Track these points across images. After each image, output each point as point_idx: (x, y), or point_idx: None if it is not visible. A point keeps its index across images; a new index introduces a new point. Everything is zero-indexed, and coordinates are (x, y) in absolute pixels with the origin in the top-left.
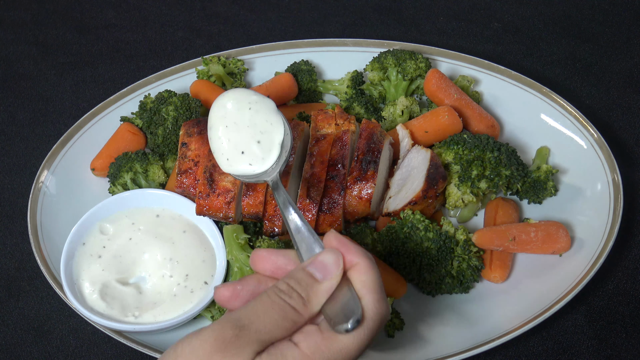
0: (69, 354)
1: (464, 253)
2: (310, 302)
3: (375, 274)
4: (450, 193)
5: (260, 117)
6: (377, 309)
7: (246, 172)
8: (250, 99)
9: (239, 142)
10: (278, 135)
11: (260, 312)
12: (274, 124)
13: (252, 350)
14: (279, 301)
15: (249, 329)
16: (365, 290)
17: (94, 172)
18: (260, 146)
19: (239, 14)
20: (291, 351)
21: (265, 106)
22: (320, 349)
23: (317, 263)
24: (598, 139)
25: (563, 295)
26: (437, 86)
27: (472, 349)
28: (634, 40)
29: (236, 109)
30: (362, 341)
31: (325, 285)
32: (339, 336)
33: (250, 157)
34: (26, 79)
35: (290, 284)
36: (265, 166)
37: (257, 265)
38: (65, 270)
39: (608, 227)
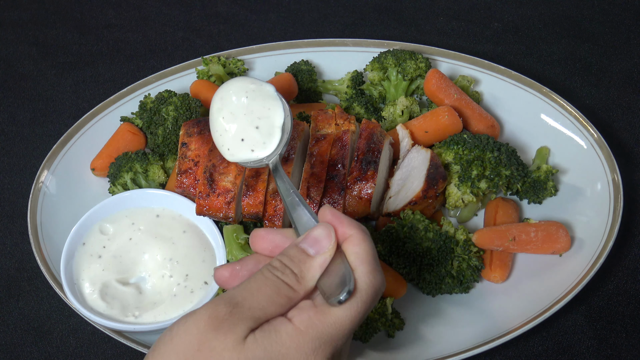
0: (69, 354)
1: (464, 253)
2: (304, 277)
3: (368, 245)
4: (450, 193)
5: (257, 104)
6: (370, 280)
7: (249, 158)
8: (247, 87)
9: (237, 131)
10: (278, 119)
11: (254, 290)
12: (272, 108)
13: (246, 327)
14: (272, 278)
15: (242, 306)
16: (359, 262)
17: (94, 172)
18: (260, 131)
19: (239, 14)
20: (284, 326)
21: (262, 92)
22: (314, 323)
23: (309, 238)
24: (598, 139)
25: (563, 295)
26: (437, 86)
27: (472, 349)
28: (634, 40)
29: (232, 99)
30: (356, 313)
31: (318, 260)
32: (332, 309)
33: (251, 143)
34: (26, 79)
35: (283, 261)
36: (267, 150)
37: (256, 245)
38: (65, 270)
39: (608, 227)
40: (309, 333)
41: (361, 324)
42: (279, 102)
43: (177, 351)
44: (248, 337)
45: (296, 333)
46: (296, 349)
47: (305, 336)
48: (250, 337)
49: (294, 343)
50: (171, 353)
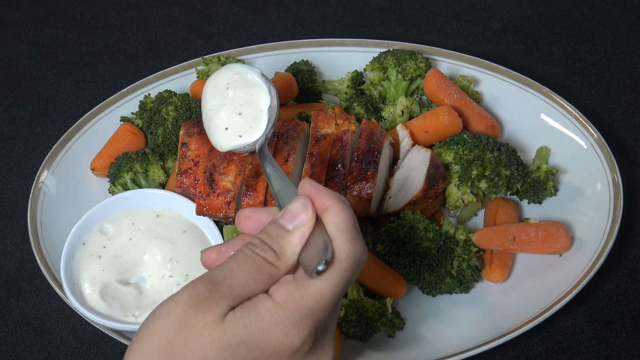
0: (69, 354)
1: (464, 253)
2: (284, 253)
3: (347, 214)
4: (450, 193)
5: (238, 93)
6: (348, 249)
7: (239, 144)
8: (230, 79)
9: (220, 122)
10: (263, 103)
11: (234, 267)
12: (255, 94)
13: (226, 304)
14: (252, 255)
15: (222, 284)
16: (337, 232)
17: (94, 172)
18: (243, 117)
19: (239, 14)
20: (264, 302)
21: (245, 82)
22: (293, 296)
23: (286, 213)
24: (598, 139)
25: (563, 295)
26: (437, 86)
27: (472, 349)
28: (634, 40)
29: (215, 93)
30: (336, 283)
31: (297, 234)
32: (311, 281)
33: (236, 130)
34: (26, 79)
35: (262, 238)
36: (256, 135)
37: (242, 225)
38: (65, 270)
39: (608, 227)
40: (289, 306)
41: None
42: (264, 87)
43: (159, 333)
44: (228, 314)
45: (275, 307)
46: (276, 323)
47: (285, 310)
48: (230, 314)
49: (273, 318)
50: (153, 335)
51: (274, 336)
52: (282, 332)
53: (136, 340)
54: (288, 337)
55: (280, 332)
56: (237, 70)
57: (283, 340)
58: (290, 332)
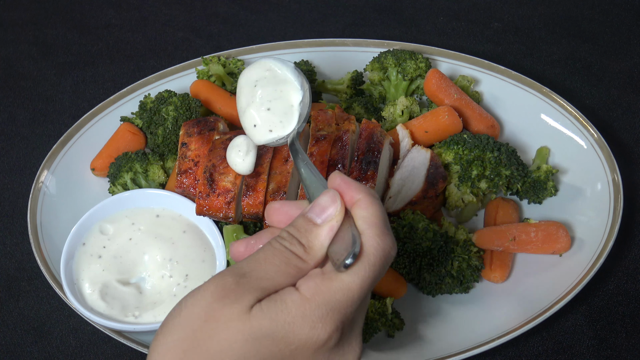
0: (69, 354)
1: (464, 253)
2: (312, 247)
3: (377, 208)
4: (450, 193)
5: (267, 91)
6: (377, 244)
7: (271, 138)
8: (260, 75)
9: (249, 119)
10: (294, 97)
11: (262, 260)
12: (285, 90)
13: (253, 297)
14: (281, 248)
15: (250, 276)
16: (366, 225)
17: (94, 172)
18: (272, 112)
19: (239, 14)
20: (290, 295)
21: (274, 79)
22: (320, 290)
23: (315, 207)
24: (598, 139)
25: (563, 295)
26: (437, 86)
27: (472, 349)
28: (634, 40)
29: (243, 91)
30: (364, 277)
31: (325, 228)
32: (339, 274)
33: (267, 125)
34: (26, 79)
35: (291, 232)
36: (287, 129)
37: (271, 218)
38: (65, 270)
39: (608, 227)
40: (315, 300)
41: None
42: (295, 83)
43: (184, 324)
44: (254, 306)
45: (302, 301)
46: (302, 316)
47: (312, 303)
48: (257, 306)
49: (299, 311)
50: (178, 326)
51: (300, 329)
52: (309, 326)
53: (161, 331)
54: (314, 330)
55: (306, 326)
56: (269, 66)
57: (309, 334)
58: (316, 326)
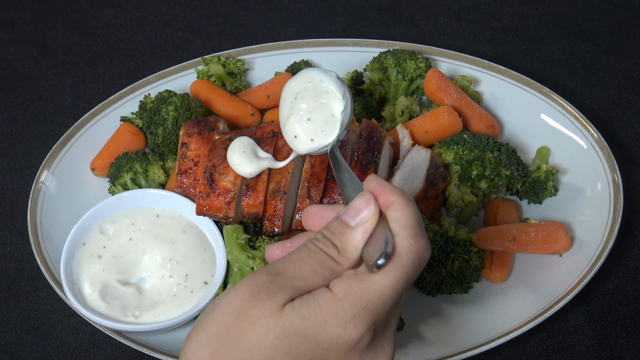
0: (69, 354)
1: (464, 253)
2: (346, 249)
3: (411, 211)
4: (450, 193)
5: (306, 102)
6: (411, 245)
7: (313, 147)
8: (301, 87)
9: (290, 130)
10: (336, 107)
11: (296, 260)
12: (327, 101)
13: (286, 295)
14: (315, 249)
15: (284, 275)
16: (399, 227)
17: (94, 172)
18: (312, 122)
19: (239, 14)
20: (323, 295)
21: (315, 90)
22: (352, 290)
23: (350, 210)
24: (598, 139)
25: (563, 295)
26: (437, 86)
27: (472, 349)
28: (634, 40)
29: (285, 102)
30: (397, 278)
31: (359, 230)
32: (372, 275)
33: (308, 134)
34: (26, 79)
35: (325, 234)
36: (329, 138)
37: (308, 222)
38: (65, 270)
39: (608, 227)
40: (348, 299)
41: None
42: (337, 93)
43: (218, 320)
44: (286, 305)
45: (334, 300)
46: (334, 316)
47: (344, 303)
48: (289, 305)
49: (331, 310)
50: (212, 323)
51: (332, 329)
52: (340, 325)
53: (195, 328)
54: (346, 330)
55: (338, 325)
56: (311, 77)
57: (341, 334)
58: (348, 326)
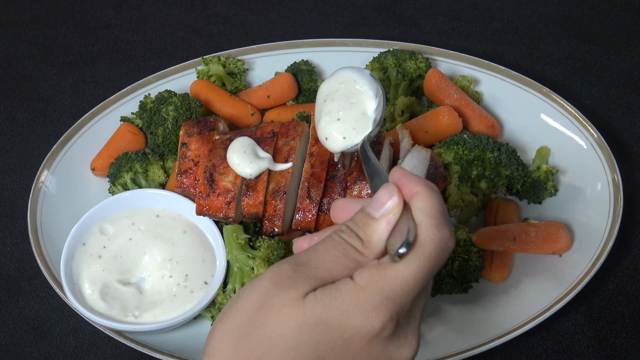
0: (69, 354)
1: (464, 253)
2: (370, 241)
3: (435, 200)
4: (450, 193)
5: (336, 104)
6: (434, 234)
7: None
8: (333, 88)
9: (321, 131)
10: (368, 106)
11: (321, 250)
12: (358, 100)
13: (308, 284)
14: (339, 240)
15: (307, 265)
16: (423, 216)
17: (94, 172)
18: (342, 122)
19: (239, 14)
20: (345, 284)
21: (347, 91)
22: (374, 279)
23: (373, 202)
24: (598, 139)
25: (563, 295)
26: (437, 86)
27: (472, 349)
28: (634, 40)
29: (318, 103)
30: (419, 267)
31: (382, 222)
32: (394, 264)
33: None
34: (26, 79)
35: (349, 226)
36: (360, 135)
37: (336, 216)
38: (65, 270)
39: (608, 227)
40: (370, 289)
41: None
42: (369, 92)
43: (241, 310)
44: (309, 294)
45: (356, 289)
46: (356, 304)
47: (366, 292)
48: (311, 294)
49: (353, 299)
50: (235, 312)
51: (353, 317)
52: (362, 314)
53: (219, 318)
54: (368, 319)
55: (360, 314)
56: (344, 78)
57: (363, 323)
58: (370, 315)
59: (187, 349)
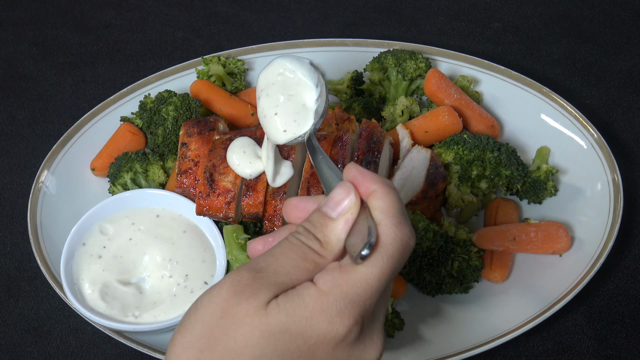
0: (69, 354)
1: (464, 253)
2: (328, 242)
3: (393, 198)
4: (450, 193)
5: (274, 96)
6: (395, 233)
7: (289, 138)
8: (268, 81)
9: (265, 127)
10: (308, 97)
11: (279, 255)
12: (297, 91)
13: (270, 292)
14: (297, 242)
15: (267, 271)
16: (382, 216)
17: (94, 172)
18: (279, 116)
19: (239, 14)
20: (308, 290)
21: (284, 83)
22: (338, 283)
23: (329, 201)
24: (598, 139)
25: (563, 295)
26: (437, 86)
27: (472, 349)
28: (634, 40)
29: (260, 99)
30: (382, 268)
31: (340, 222)
32: (356, 267)
33: (281, 126)
34: (26, 79)
35: (306, 227)
36: (303, 127)
37: (289, 215)
38: (65, 270)
39: (608, 227)
40: (333, 293)
41: None
42: (309, 83)
43: (201, 321)
44: (271, 302)
45: (319, 294)
46: (320, 310)
47: (329, 297)
48: (273, 302)
49: (317, 305)
50: (195, 324)
51: (318, 324)
52: (327, 320)
53: (178, 330)
54: (333, 325)
55: (324, 320)
56: (281, 69)
57: (327, 329)
58: (334, 320)
59: None
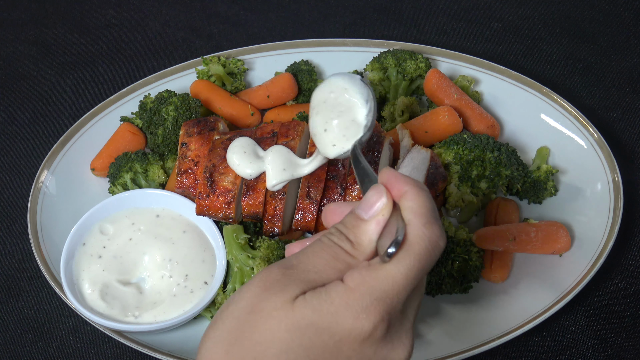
0: (69, 354)
1: (464, 253)
2: (360, 243)
3: (423, 199)
4: (450, 193)
5: (323, 114)
6: (423, 233)
7: (337, 152)
8: (320, 98)
9: (315, 142)
10: (358, 112)
11: (310, 254)
12: (346, 110)
13: (298, 288)
14: (329, 242)
15: (297, 268)
16: (412, 216)
17: (94, 172)
18: (329, 132)
19: (239, 14)
20: (335, 287)
21: (335, 100)
22: (365, 280)
23: (362, 203)
24: (598, 139)
25: (563, 295)
26: (437, 86)
27: (472, 349)
28: (634, 40)
29: (310, 116)
30: (409, 266)
31: (372, 223)
32: (384, 265)
33: (329, 141)
34: (26, 79)
35: (339, 228)
36: (351, 141)
37: (328, 220)
38: (65, 270)
39: (608, 227)
40: (359, 290)
41: None
42: (360, 100)
43: (232, 316)
44: (298, 297)
45: (345, 290)
46: (345, 306)
47: (355, 293)
48: (301, 297)
49: (343, 300)
50: (226, 319)
51: (344, 319)
52: (352, 316)
53: (211, 325)
54: (358, 321)
55: (350, 316)
56: (333, 87)
57: (353, 325)
58: (360, 316)
59: (187, 349)
